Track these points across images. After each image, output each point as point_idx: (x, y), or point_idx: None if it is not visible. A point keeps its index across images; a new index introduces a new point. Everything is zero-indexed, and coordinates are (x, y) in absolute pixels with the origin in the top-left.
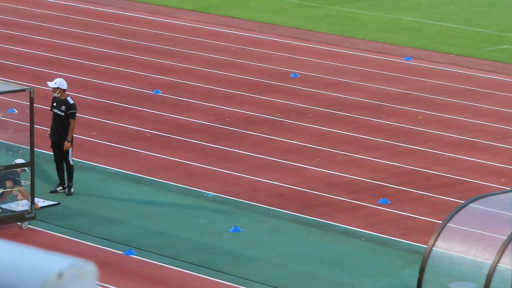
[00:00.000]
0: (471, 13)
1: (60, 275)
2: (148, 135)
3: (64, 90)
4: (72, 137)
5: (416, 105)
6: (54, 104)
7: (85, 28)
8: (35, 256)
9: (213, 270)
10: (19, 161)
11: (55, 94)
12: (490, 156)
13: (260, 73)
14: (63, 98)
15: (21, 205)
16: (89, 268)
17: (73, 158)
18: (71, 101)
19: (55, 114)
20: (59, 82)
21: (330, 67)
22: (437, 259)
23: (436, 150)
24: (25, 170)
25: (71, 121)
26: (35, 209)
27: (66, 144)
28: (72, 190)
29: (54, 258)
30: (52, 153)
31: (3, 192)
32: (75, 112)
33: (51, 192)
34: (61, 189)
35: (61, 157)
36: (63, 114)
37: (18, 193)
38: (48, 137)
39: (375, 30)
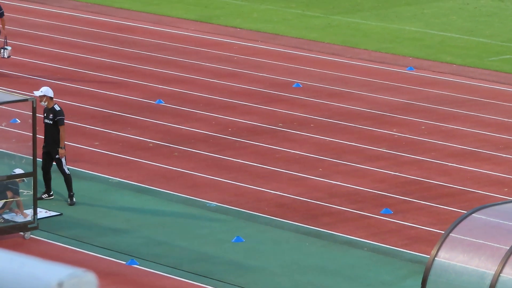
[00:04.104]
0: (474, 23)
1: (60, 285)
2: (151, 145)
3: (51, 98)
4: (64, 144)
5: (419, 115)
6: (45, 114)
7: (88, 38)
8: (35, 266)
9: (215, 280)
10: (18, 171)
11: (42, 103)
12: (492, 166)
13: (262, 83)
14: (51, 106)
15: (22, 216)
16: (89, 277)
17: (75, 168)
18: (58, 108)
19: (46, 124)
20: (45, 90)
21: (333, 77)
22: (439, 269)
23: (438, 160)
24: (23, 180)
25: (61, 127)
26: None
27: (61, 151)
28: (74, 200)
29: (54, 268)
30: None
31: (5, 202)
32: (63, 118)
33: (37, 199)
34: (47, 197)
35: (50, 166)
36: (51, 123)
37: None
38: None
39: (378, 40)
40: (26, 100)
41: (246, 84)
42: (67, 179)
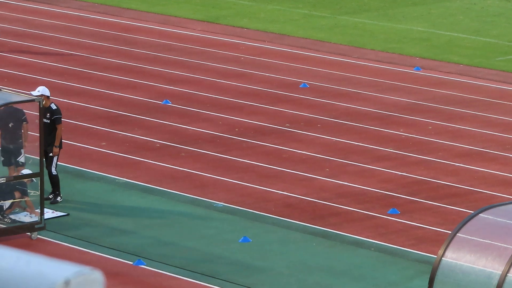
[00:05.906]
0: (481, 23)
1: (67, 283)
2: (158, 145)
3: (48, 97)
4: (61, 143)
5: (426, 115)
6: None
7: (95, 38)
8: (42, 264)
9: (222, 280)
10: (26, 171)
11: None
12: (499, 166)
13: (269, 83)
14: (48, 105)
15: (30, 216)
16: (96, 275)
17: (82, 169)
18: (54, 107)
19: (44, 123)
20: (42, 90)
21: (340, 77)
22: (446, 269)
23: (445, 160)
24: (32, 180)
25: (58, 126)
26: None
27: (54, 149)
28: (58, 199)
29: (60, 266)
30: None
31: (12, 202)
32: (60, 117)
33: (44, 199)
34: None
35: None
36: (49, 122)
37: (26, 206)
38: None
39: (385, 40)
40: (33, 100)
41: (253, 84)
42: (53, 179)
